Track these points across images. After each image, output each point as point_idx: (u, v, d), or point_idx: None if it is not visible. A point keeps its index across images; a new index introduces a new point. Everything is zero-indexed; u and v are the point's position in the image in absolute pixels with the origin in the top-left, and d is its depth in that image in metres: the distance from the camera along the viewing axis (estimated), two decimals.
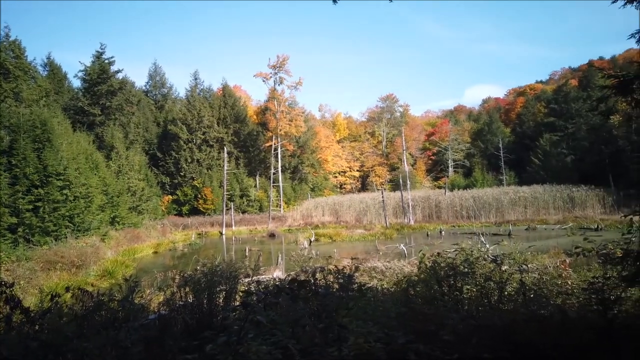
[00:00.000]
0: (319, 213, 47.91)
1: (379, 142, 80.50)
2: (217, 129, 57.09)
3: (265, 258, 24.49)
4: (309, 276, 7.27)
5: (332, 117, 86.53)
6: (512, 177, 58.84)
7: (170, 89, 66.36)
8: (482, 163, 66.53)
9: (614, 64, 64.38)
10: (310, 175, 64.18)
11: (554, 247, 18.11)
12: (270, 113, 59.36)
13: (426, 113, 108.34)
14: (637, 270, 5.12)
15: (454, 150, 72.85)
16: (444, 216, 44.05)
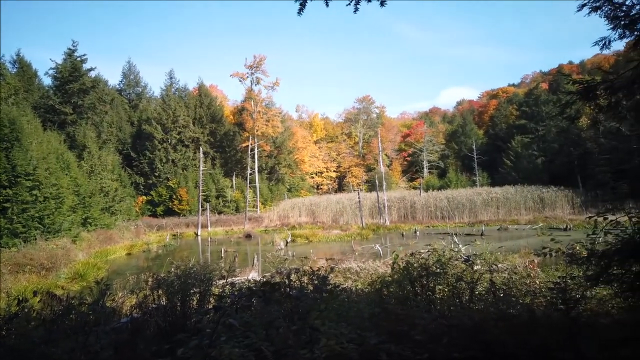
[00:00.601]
0: (295, 214, 47.88)
1: (355, 143, 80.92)
2: (192, 129, 56.47)
3: (242, 259, 24.36)
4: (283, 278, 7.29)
5: (309, 118, 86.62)
6: (485, 178, 60.09)
7: (144, 88, 65.38)
8: (456, 164, 67.72)
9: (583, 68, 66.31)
10: (287, 176, 64.08)
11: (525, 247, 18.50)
12: (247, 113, 59.03)
13: (402, 114, 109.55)
14: (601, 270, 5.30)
15: (429, 151, 73.81)
16: (418, 216, 44.58)
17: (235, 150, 59.84)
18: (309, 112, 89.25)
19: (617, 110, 5.07)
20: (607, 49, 5.46)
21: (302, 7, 4.03)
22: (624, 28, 5.05)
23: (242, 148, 58.90)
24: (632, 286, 5.05)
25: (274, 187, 60.75)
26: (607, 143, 9.50)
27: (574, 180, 44.53)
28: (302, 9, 4.03)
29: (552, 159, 52.33)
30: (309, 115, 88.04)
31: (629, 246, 4.94)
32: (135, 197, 48.82)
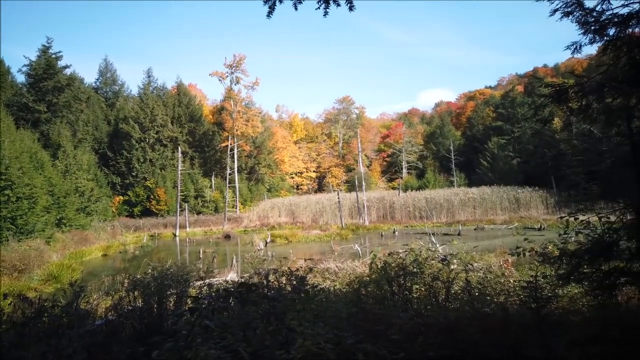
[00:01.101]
0: (275, 214, 47.78)
1: (335, 144, 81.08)
2: (171, 128, 55.82)
3: (220, 260, 24.18)
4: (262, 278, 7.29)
5: (289, 118, 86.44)
6: (463, 178, 60.99)
7: (122, 86, 64.28)
8: (434, 165, 68.54)
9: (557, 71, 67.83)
10: (266, 176, 63.85)
11: (500, 246, 18.90)
12: (227, 113, 58.62)
13: (381, 115, 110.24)
14: (572, 269, 5.43)
15: (408, 152, 74.47)
16: (397, 216, 44.95)
17: (215, 150, 59.37)
18: (289, 112, 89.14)
19: (587, 113, 5.21)
20: (578, 53, 5.60)
21: (271, 11, 4.05)
22: (594, 33, 5.18)
23: (221, 148, 58.47)
24: (602, 284, 5.19)
25: (253, 187, 60.47)
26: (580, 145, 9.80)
27: (548, 181, 45.55)
28: (271, 12, 4.05)
29: (527, 160, 53.65)
30: (289, 116, 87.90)
31: (599, 246, 5.07)
32: (111, 197, 48.11)
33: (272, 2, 3.94)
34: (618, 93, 4.94)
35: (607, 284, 5.20)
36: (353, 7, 4.17)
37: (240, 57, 56.96)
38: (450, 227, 37.33)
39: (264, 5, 3.95)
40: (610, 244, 5.03)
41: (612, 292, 5.32)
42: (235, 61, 56.97)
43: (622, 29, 5.08)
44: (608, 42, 5.10)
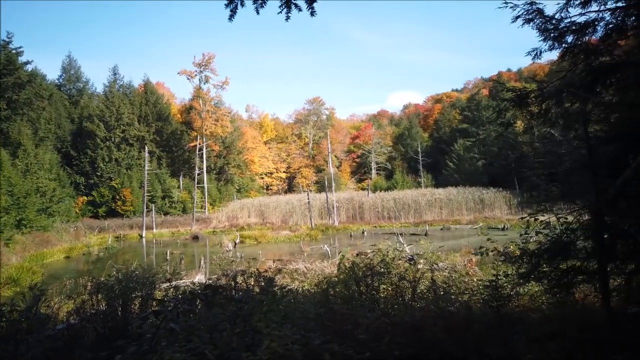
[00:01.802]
0: (244, 214, 47.43)
1: (305, 144, 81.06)
2: (137, 127, 54.64)
3: (188, 261, 23.85)
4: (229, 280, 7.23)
5: (259, 118, 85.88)
6: (430, 179, 62.12)
7: (86, 84, 62.41)
8: (402, 166, 69.50)
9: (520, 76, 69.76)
10: (236, 176, 63.26)
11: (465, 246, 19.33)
12: (195, 112, 57.81)
13: (351, 116, 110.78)
14: (532, 267, 5.61)
15: (377, 153, 75.19)
16: (366, 217, 45.33)
17: (183, 150, 58.48)
18: (259, 112, 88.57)
19: (547, 117, 5.39)
20: (538, 59, 5.80)
21: (233, 14, 4.04)
22: (554, 40, 5.37)
23: (190, 147, 57.62)
24: (560, 283, 5.38)
25: (222, 188, 59.82)
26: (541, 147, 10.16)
27: (511, 182, 46.87)
28: (232, 15, 4.04)
29: (492, 162, 55.32)
30: (259, 116, 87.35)
31: (557, 245, 5.26)
32: (75, 197, 46.79)
33: (233, 6, 3.93)
34: (575, 98, 5.14)
35: (565, 282, 5.39)
36: (314, 12, 4.21)
37: (209, 56, 56.31)
38: (418, 227, 37.91)
39: (225, 8, 3.94)
40: (567, 244, 5.22)
41: (570, 290, 5.53)
42: (205, 60, 56.27)
43: (579, 36, 5.29)
44: (566, 49, 5.30)
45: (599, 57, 5.13)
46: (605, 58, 5.13)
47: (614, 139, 4.78)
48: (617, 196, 4.54)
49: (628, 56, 5.05)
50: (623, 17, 5.14)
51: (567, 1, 5.25)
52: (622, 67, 4.86)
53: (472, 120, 63.10)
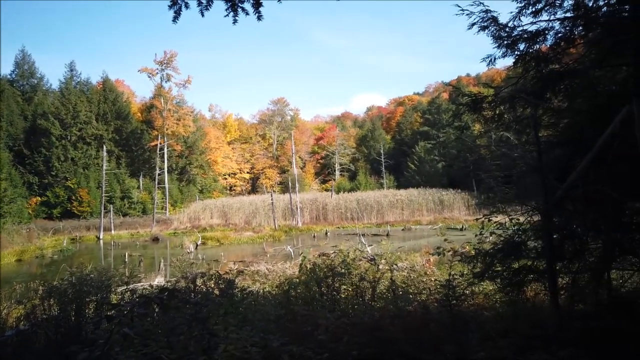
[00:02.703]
0: (207, 215, 46.77)
1: (269, 145, 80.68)
2: (95, 126, 53.02)
3: (148, 263, 23.32)
4: (189, 283, 7.13)
5: (223, 118, 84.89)
6: (392, 181, 63.13)
7: (41, 80, 59.91)
8: (365, 167, 70.27)
9: (478, 80, 71.81)
10: (198, 177, 62.31)
11: (425, 245, 19.72)
12: (156, 111, 56.62)
13: (315, 118, 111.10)
14: (486, 267, 5.79)
15: (341, 154, 75.75)
16: (330, 218, 45.56)
17: (143, 149, 57.17)
18: (222, 112, 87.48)
19: (500, 121, 5.59)
20: (492, 65, 5.99)
21: (177, 16, 4.01)
22: (507, 47, 5.57)
23: (150, 147, 56.36)
24: (512, 282, 5.58)
25: (184, 188, 58.81)
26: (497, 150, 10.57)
27: (469, 184, 48.23)
28: (176, 17, 4.00)
29: (451, 164, 56.95)
30: (222, 115, 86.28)
31: (509, 245, 5.45)
32: (27, 198, 45.05)
33: (177, 8, 3.89)
34: (527, 104, 5.35)
35: (517, 281, 5.59)
36: (261, 16, 4.25)
37: (171, 54, 55.31)
38: (380, 228, 38.41)
39: (169, 10, 3.90)
40: (519, 244, 5.42)
41: (521, 288, 5.74)
42: (166, 58, 55.20)
43: (531, 44, 5.51)
44: (519, 57, 5.50)
45: (549, 64, 5.36)
46: (555, 66, 5.36)
47: (562, 143, 5.00)
48: (565, 198, 4.75)
49: (575, 64, 5.30)
50: (571, 27, 5.38)
51: (519, 10, 5.45)
52: (570, 74, 5.09)
53: (432, 123, 64.68)
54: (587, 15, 5.15)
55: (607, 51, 4.97)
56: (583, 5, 5.28)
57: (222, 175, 70.19)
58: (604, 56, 5.04)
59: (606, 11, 5.18)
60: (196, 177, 61.73)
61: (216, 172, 68.16)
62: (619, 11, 5.07)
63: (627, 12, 4.72)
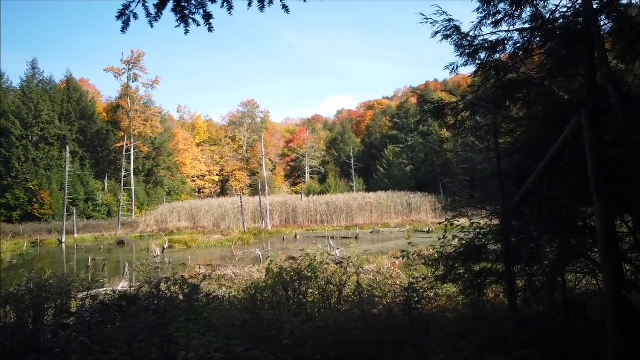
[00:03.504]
0: (174, 218, 46.04)
1: (239, 147, 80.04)
2: (58, 126, 51.44)
3: (113, 268, 22.79)
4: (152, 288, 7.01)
5: (192, 120, 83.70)
6: (361, 184, 63.79)
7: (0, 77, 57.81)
8: (335, 170, 70.72)
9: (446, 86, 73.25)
10: (166, 179, 61.24)
11: (393, 248, 19.95)
12: (123, 111, 55.45)
13: (286, 120, 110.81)
14: (448, 270, 5.92)
15: (311, 157, 75.90)
16: (300, 220, 45.54)
17: (109, 151, 55.84)
18: (191, 114, 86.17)
19: (462, 128, 5.73)
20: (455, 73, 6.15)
21: (126, 26, 3.97)
22: (468, 56, 5.71)
23: (116, 148, 55.09)
24: (473, 284, 5.73)
25: (151, 191, 57.69)
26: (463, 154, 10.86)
27: (436, 187, 49.15)
28: (125, 27, 3.96)
29: (419, 167, 58.18)
30: (191, 117, 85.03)
31: (470, 249, 5.59)
32: None
33: (125, 19, 3.85)
34: (487, 111, 5.51)
35: (478, 283, 5.74)
36: (212, 28, 4.26)
37: (138, 54, 54.36)
38: (349, 231, 38.64)
39: (117, 21, 3.86)
40: (480, 247, 5.57)
41: (482, 290, 5.89)
42: (134, 57, 54.23)
43: (491, 53, 5.67)
44: (479, 65, 5.66)
45: (508, 73, 5.53)
46: (514, 75, 5.54)
47: (519, 150, 5.18)
48: (522, 203, 4.92)
49: (533, 74, 5.49)
50: (529, 37, 5.57)
51: (480, 20, 5.60)
52: (528, 84, 5.27)
53: (401, 127, 65.74)
54: (544, 26, 5.34)
55: (562, 62, 5.17)
56: (540, 17, 5.47)
57: (190, 177, 69.18)
58: (560, 66, 5.23)
59: (562, 23, 5.38)
60: (164, 179, 60.66)
61: (184, 174, 67.12)
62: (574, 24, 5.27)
63: (581, 25, 4.92)
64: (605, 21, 5.36)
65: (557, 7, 5.40)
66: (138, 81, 55.44)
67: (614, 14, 5.21)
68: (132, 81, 55.44)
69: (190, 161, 68.58)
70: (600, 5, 5.07)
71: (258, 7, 4.25)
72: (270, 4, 4.23)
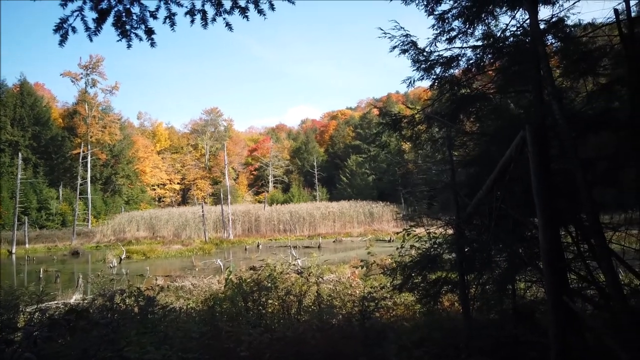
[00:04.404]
0: (133, 228, 44.85)
1: (202, 155, 78.92)
2: (10, 131, 49.51)
3: (66, 279, 21.93)
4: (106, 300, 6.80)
5: (153, 127, 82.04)
6: (325, 193, 64.16)
7: None
8: (299, 179, 70.85)
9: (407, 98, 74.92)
10: (125, 187, 59.62)
11: (354, 257, 20.11)
12: (80, 117, 53.80)
13: (250, 129, 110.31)
14: (405, 279, 6.03)
15: (275, 166, 75.71)
16: (262, 230, 45.28)
17: (64, 158, 53.98)
18: (152, 121, 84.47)
19: (418, 140, 5.89)
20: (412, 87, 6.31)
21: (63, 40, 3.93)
22: (424, 71, 5.89)
23: (72, 155, 53.32)
24: (429, 293, 5.85)
25: (109, 199, 56.03)
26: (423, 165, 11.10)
27: (398, 197, 49.96)
28: (63, 40, 3.92)
29: (381, 177, 59.12)
30: (152, 124, 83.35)
31: (426, 258, 5.72)
32: None
33: (63, 32, 3.81)
34: (442, 125, 5.69)
35: (434, 292, 5.87)
36: (154, 43, 4.29)
37: (97, 59, 53.05)
38: (312, 240, 38.66)
39: (54, 34, 3.81)
40: (435, 257, 5.70)
41: (437, 299, 6.03)
42: (92, 62, 52.85)
43: (446, 69, 5.86)
44: (435, 80, 5.84)
45: (462, 88, 5.73)
46: (467, 90, 5.74)
47: (472, 162, 5.36)
48: (474, 214, 5.08)
49: (485, 89, 5.72)
50: (482, 54, 5.79)
51: (435, 36, 5.80)
52: (479, 98, 5.48)
53: (363, 137, 66.65)
54: (495, 44, 5.58)
55: (512, 78, 5.40)
56: (492, 35, 5.70)
57: (150, 186, 67.61)
58: (510, 83, 5.47)
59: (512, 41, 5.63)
60: (122, 188, 59.05)
61: (144, 182, 65.56)
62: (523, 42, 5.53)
63: (528, 44, 5.17)
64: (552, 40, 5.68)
65: (507, 26, 5.65)
66: (97, 87, 54.18)
67: (560, 34, 5.51)
68: (90, 86, 54.10)
69: (150, 169, 67.09)
70: (547, 26, 5.36)
71: (201, 25, 4.28)
72: (213, 21, 4.25)
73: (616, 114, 4.44)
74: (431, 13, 5.80)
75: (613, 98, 4.64)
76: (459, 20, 5.73)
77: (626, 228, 4.28)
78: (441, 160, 6.54)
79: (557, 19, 5.28)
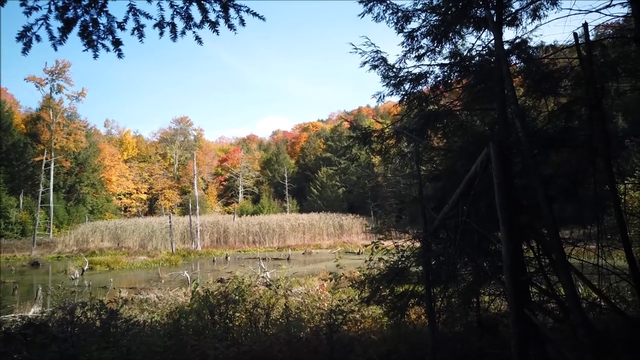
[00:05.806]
0: (97, 238, 43.54)
1: (170, 165, 77.66)
2: None
3: (25, 291, 21.06)
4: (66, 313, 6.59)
5: (120, 135, 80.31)
6: (295, 205, 63.98)
7: None
8: (269, 191, 70.41)
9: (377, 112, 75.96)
10: (89, 196, 57.95)
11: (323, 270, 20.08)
12: (44, 123, 52.20)
13: (220, 139, 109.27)
14: (373, 292, 6.06)
15: (245, 177, 75.20)
16: (231, 241, 44.75)
17: (26, 165, 52.14)
18: (119, 129, 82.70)
19: (386, 154, 5.98)
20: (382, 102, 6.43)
21: (27, 48, 3.88)
22: (394, 87, 6.02)
23: (34, 162, 51.56)
24: (395, 305, 5.89)
25: (72, 208, 54.32)
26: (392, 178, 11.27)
27: (367, 209, 50.36)
28: (26, 49, 3.87)
29: (351, 190, 59.51)
30: (119, 132, 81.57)
31: (393, 271, 5.77)
32: None
33: (27, 40, 3.75)
34: (410, 140, 5.80)
35: (401, 305, 5.92)
36: (122, 54, 4.28)
37: (64, 64, 51.79)
38: (282, 252, 38.44)
39: (17, 42, 3.75)
40: (402, 270, 5.76)
41: (405, 311, 6.08)
42: (58, 68, 51.50)
43: (414, 85, 6.00)
44: (404, 96, 5.97)
45: (429, 105, 5.87)
46: (434, 106, 5.89)
47: (439, 177, 5.48)
48: (440, 227, 5.18)
49: (451, 106, 5.87)
50: (449, 72, 5.96)
51: (405, 53, 5.94)
52: (446, 115, 5.63)
53: (334, 150, 67.22)
54: (461, 63, 5.75)
55: (477, 96, 5.57)
56: (459, 54, 5.88)
57: (116, 195, 65.99)
58: (475, 100, 5.64)
59: (477, 60, 5.81)
60: (86, 197, 57.39)
61: (110, 191, 63.93)
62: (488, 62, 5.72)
63: (493, 64, 5.35)
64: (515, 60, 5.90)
65: (473, 46, 5.85)
66: (62, 92, 52.75)
67: (523, 55, 5.73)
68: (55, 92, 52.64)
69: (116, 178, 65.53)
70: (511, 46, 5.57)
71: (170, 37, 4.27)
72: (182, 34, 4.25)
73: (575, 132, 4.63)
74: (401, 30, 5.94)
75: (573, 117, 4.84)
76: (427, 38, 5.89)
77: (585, 243, 4.44)
78: (409, 174, 6.66)
79: (521, 41, 5.49)
